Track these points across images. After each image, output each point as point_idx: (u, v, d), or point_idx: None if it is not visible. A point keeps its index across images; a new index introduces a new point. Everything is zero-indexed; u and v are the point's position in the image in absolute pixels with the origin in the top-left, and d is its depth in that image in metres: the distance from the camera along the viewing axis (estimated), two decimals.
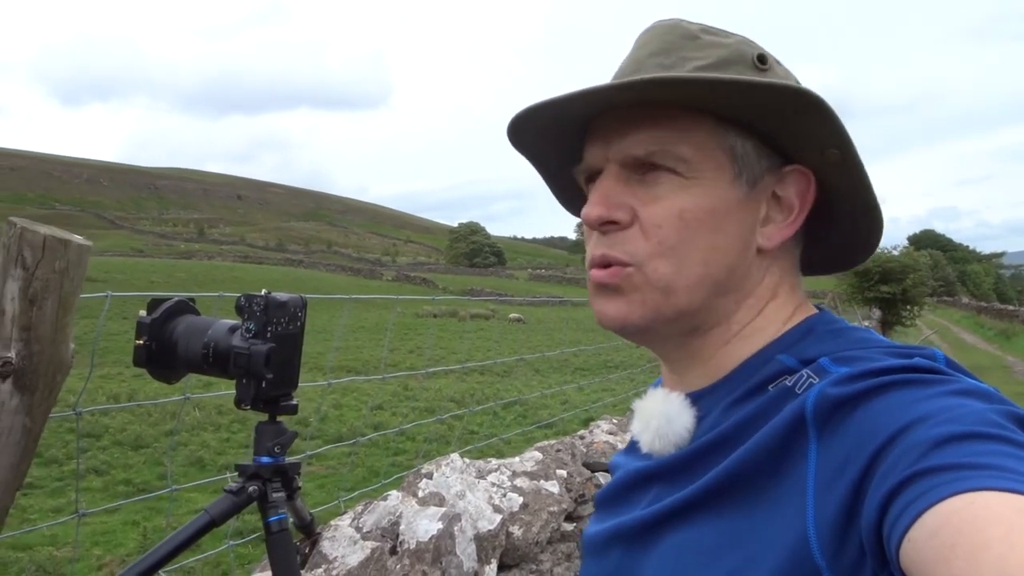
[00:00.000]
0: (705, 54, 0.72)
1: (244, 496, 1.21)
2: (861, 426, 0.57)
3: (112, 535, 5.93)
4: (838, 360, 0.66)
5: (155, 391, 11.15)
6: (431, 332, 21.91)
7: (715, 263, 0.71)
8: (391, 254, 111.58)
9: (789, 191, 0.73)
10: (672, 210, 0.70)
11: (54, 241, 1.01)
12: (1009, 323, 30.82)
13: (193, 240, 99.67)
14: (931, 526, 0.46)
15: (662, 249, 0.70)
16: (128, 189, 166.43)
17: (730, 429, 0.68)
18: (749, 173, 0.71)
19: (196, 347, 1.22)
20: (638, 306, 0.72)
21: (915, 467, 0.50)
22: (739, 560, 0.61)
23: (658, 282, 0.71)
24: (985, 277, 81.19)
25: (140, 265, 43.85)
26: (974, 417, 0.53)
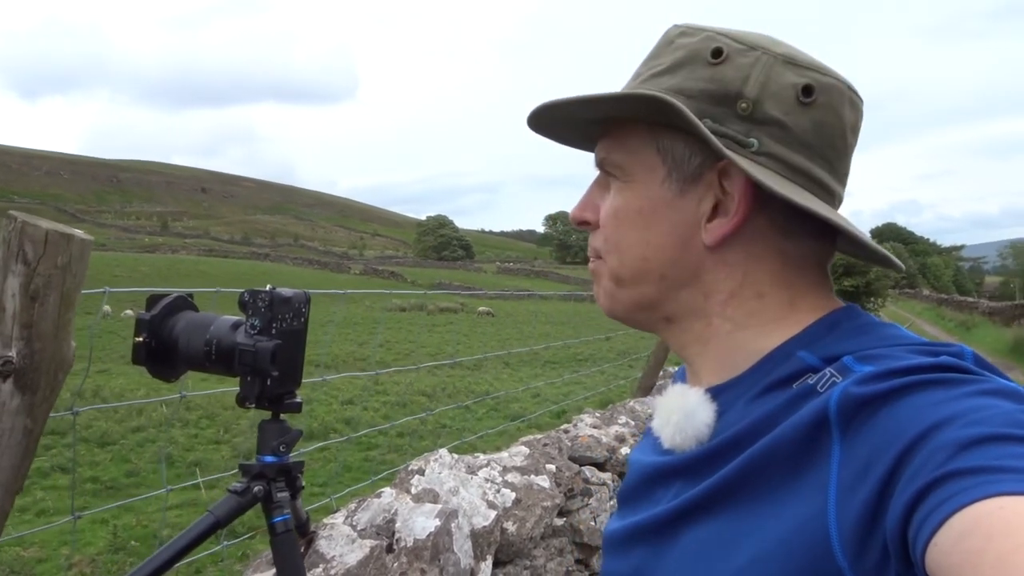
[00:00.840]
0: (665, 59, 0.74)
1: (249, 496, 1.18)
2: (886, 427, 0.56)
3: (80, 534, 5.81)
4: (862, 359, 0.65)
5: (122, 386, 10.98)
6: (407, 325, 21.82)
7: (652, 258, 0.75)
8: (358, 248, 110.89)
9: (735, 187, 0.72)
10: (610, 211, 0.78)
11: (56, 236, 0.98)
12: (969, 314, 31.53)
13: (157, 234, 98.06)
14: (959, 530, 0.46)
15: (608, 246, 0.78)
16: (89, 182, 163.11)
17: (751, 426, 0.67)
18: (679, 172, 0.73)
19: (198, 344, 1.19)
20: (603, 293, 0.81)
21: (942, 469, 0.50)
22: (757, 555, 0.60)
23: (610, 274, 0.79)
24: (945, 269, 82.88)
25: (103, 259, 43.00)
26: (1003, 418, 0.52)
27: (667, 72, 0.73)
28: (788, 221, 0.72)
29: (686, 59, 0.73)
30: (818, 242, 0.74)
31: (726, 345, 0.75)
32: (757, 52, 0.72)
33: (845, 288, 26.10)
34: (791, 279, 0.74)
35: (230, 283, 30.73)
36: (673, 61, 0.73)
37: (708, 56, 0.72)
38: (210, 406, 9.81)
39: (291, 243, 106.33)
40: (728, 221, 0.72)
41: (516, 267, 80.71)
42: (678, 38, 0.75)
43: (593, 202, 0.80)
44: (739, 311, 0.74)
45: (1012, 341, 19.17)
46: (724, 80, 0.71)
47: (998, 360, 17.40)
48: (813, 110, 0.71)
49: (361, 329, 21.52)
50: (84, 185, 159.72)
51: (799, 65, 0.71)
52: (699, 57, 0.72)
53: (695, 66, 0.72)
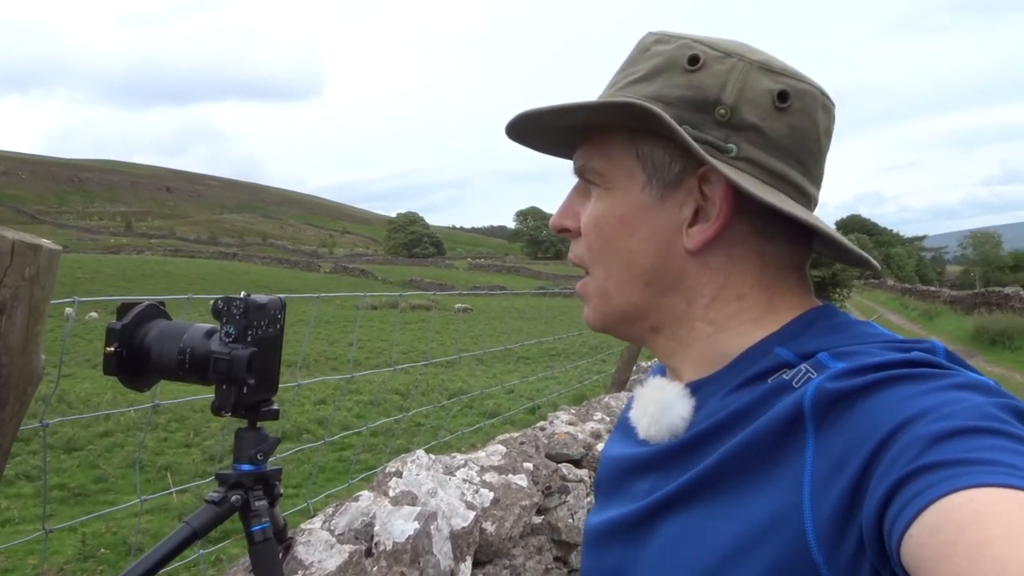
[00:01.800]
0: (642, 66, 0.75)
1: (227, 506, 1.17)
2: (859, 422, 0.58)
3: (49, 543, 5.69)
4: (837, 355, 0.66)
5: (88, 391, 10.79)
6: (379, 323, 21.70)
7: (636, 265, 0.75)
8: (328, 246, 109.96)
9: (715, 192, 0.72)
10: (592, 219, 0.78)
11: (23, 247, 0.95)
12: (931, 303, 32.13)
13: (120, 234, 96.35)
14: (932, 523, 0.47)
15: (592, 255, 0.78)
16: (49, 182, 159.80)
17: (726, 418, 0.68)
18: (659, 178, 0.74)
19: (171, 353, 1.17)
20: (591, 310, 0.81)
21: (915, 463, 0.51)
22: (733, 549, 0.61)
23: (598, 285, 0.79)
24: (908, 260, 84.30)
25: (64, 261, 41.94)
26: (973, 411, 0.53)
27: (644, 79, 0.74)
28: (767, 224, 0.73)
29: (663, 66, 0.74)
30: (795, 244, 0.76)
31: (707, 346, 0.76)
32: (733, 59, 0.73)
33: (812, 279, 26.47)
34: (770, 280, 0.75)
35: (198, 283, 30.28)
36: (650, 68, 0.74)
37: (685, 63, 0.73)
38: (179, 409, 9.68)
39: (259, 242, 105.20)
40: (710, 226, 0.73)
41: (488, 263, 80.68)
42: (654, 45, 0.76)
43: (573, 209, 0.80)
44: (720, 314, 0.75)
45: (973, 329, 19.58)
46: (702, 87, 0.72)
47: (959, 348, 17.75)
48: (789, 115, 0.72)
49: (333, 328, 21.36)
50: (44, 185, 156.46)
51: (774, 71, 0.73)
52: (676, 64, 0.73)
53: (672, 73, 0.73)
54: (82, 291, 21.08)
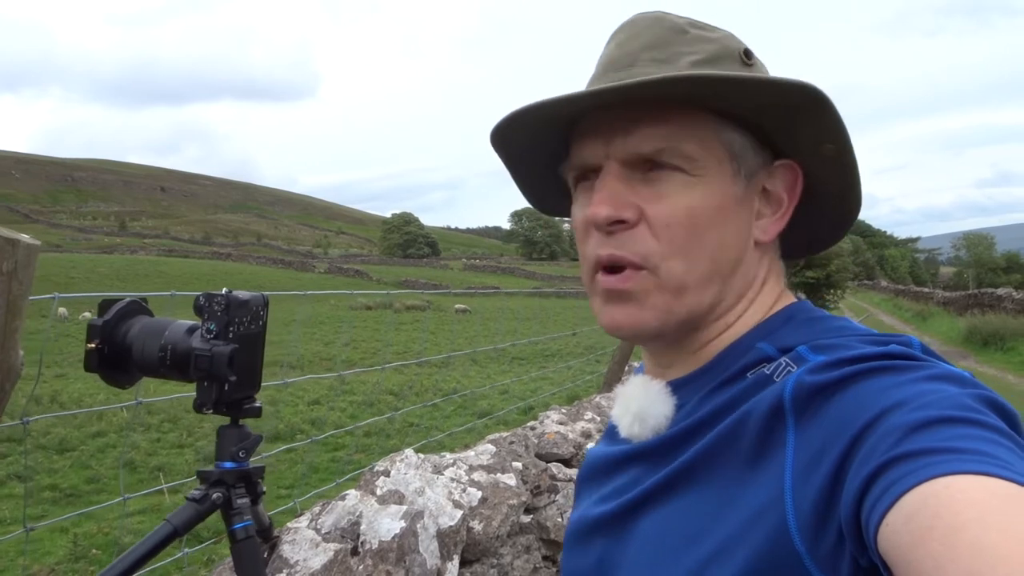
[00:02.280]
0: (696, 49, 0.72)
1: (208, 504, 1.16)
2: (838, 413, 0.58)
3: (39, 543, 5.67)
4: (816, 348, 0.67)
5: (79, 392, 10.75)
6: (373, 324, 21.68)
7: (722, 260, 0.72)
8: (323, 246, 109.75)
9: (777, 185, 0.75)
10: (681, 208, 0.70)
11: (1, 241, 0.95)
12: (925, 304, 32.21)
13: (114, 234, 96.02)
14: (908, 510, 0.47)
15: (673, 249, 0.70)
16: (43, 181, 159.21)
17: (708, 415, 0.69)
18: (746, 168, 0.73)
19: (152, 350, 1.16)
20: (650, 311, 0.72)
21: (892, 452, 0.51)
22: (716, 544, 0.62)
23: (671, 282, 0.71)
24: (901, 261, 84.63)
25: (58, 260, 42.03)
26: (948, 402, 0.54)
27: (707, 63, 0.71)
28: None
29: (721, 54, 0.72)
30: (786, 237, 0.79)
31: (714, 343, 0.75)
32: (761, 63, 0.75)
33: (807, 280, 26.55)
34: (778, 273, 0.78)
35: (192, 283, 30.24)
36: (709, 53, 0.72)
37: (741, 55, 0.73)
38: (172, 409, 9.65)
39: (254, 242, 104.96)
40: (779, 218, 0.75)
41: (482, 264, 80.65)
42: (691, 28, 0.73)
43: (627, 199, 0.71)
44: (746, 308, 0.76)
45: (965, 330, 19.62)
46: None
47: (952, 349, 17.80)
48: None
49: (327, 328, 21.32)
50: (37, 185, 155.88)
51: None
52: (731, 55, 0.73)
53: (731, 64, 0.72)
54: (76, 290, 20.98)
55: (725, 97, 0.69)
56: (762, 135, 0.73)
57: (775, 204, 0.75)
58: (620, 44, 0.75)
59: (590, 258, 0.74)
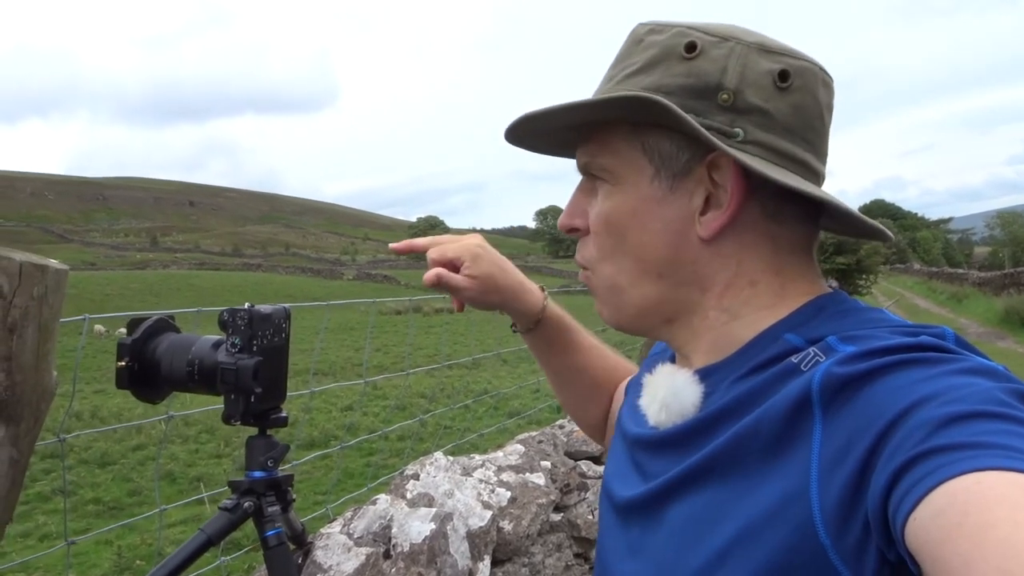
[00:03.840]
0: (638, 58, 0.74)
1: (240, 513, 1.20)
2: (867, 405, 0.58)
3: (86, 556, 5.81)
4: (845, 339, 0.66)
5: (119, 407, 10.96)
6: (403, 328, 21.80)
7: (649, 258, 0.75)
8: (350, 253, 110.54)
9: (725, 178, 0.72)
10: (601, 216, 0.77)
11: (31, 267, 0.98)
12: (960, 286, 31.63)
13: (147, 250, 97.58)
14: (937, 505, 0.47)
15: (601, 253, 0.78)
16: (75, 201, 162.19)
17: (733, 402, 0.68)
18: (668, 169, 0.73)
19: (180, 365, 1.20)
20: (603, 305, 0.81)
21: (921, 447, 0.51)
22: (740, 532, 0.62)
23: (606, 283, 0.79)
24: (934, 243, 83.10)
25: (93, 278, 42.81)
26: (980, 396, 0.53)
27: (642, 71, 0.73)
28: (778, 207, 0.73)
29: (660, 56, 0.73)
30: (804, 225, 0.76)
31: (719, 334, 0.76)
32: (730, 43, 0.73)
33: (838, 266, 26.21)
34: (781, 265, 0.75)
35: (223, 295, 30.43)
36: (646, 60, 0.73)
37: (682, 51, 0.72)
38: (209, 420, 9.80)
39: (283, 252, 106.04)
40: (723, 212, 0.72)
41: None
42: (647, 36, 0.75)
43: (581, 208, 0.80)
44: (734, 301, 0.75)
45: (1003, 310, 19.23)
46: (702, 73, 0.71)
47: (990, 330, 17.46)
48: (791, 94, 0.72)
49: (357, 334, 21.49)
50: (70, 205, 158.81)
51: (772, 51, 0.73)
52: (673, 53, 0.73)
53: (670, 62, 0.72)
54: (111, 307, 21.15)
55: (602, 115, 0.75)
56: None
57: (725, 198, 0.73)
58: None
59: None
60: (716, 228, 0.73)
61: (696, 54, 0.72)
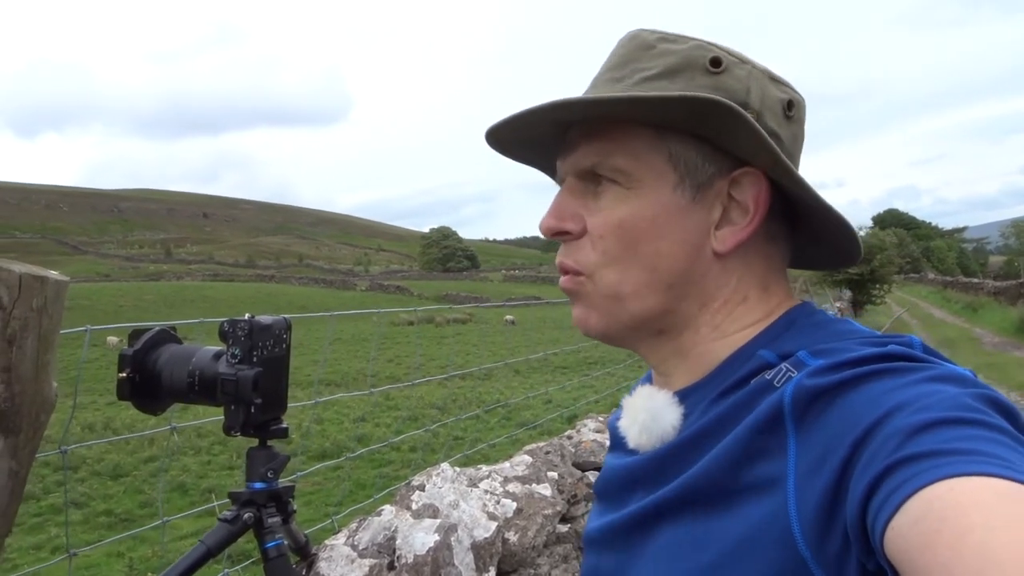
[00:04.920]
0: (654, 64, 0.73)
1: (240, 524, 1.20)
2: (840, 417, 0.58)
3: (97, 568, 5.83)
4: (816, 352, 0.66)
5: (131, 419, 11.02)
6: (415, 339, 21.84)
7: (662, 269, 0.73)
8: (363, 264, 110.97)
9: (745, 194, 0.72)
10: (613, 220, 0.73)
11: (30, 279, 0.99)
12: (975, 296, 31.37)
13: (161, 261, 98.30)
14: (914, 513, 0.47)
15: (607, 259, 0.74)
16: (90, 213, 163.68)
17: (711, 423, 0.68)
18: (692, 179, 0.72)
19: (181, 376, 1.20)
20: (594, 312, 0.76)
21: (895, 455, 0.51)
22: (723, 551, 0.62)
23: (606, 290, 0.74)
24: (948, 252, 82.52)
25: (107, 290, 43.14)
26: (950, 403, 0.54)
27: (662, 77, 0.72)
28: (777, 226, 0.75)
29: (681, 65, 0.72)
30: (788, 243, 0.78)
31: (703, 351, 0.75)
32: (748, 65, 0.74)
33: (851, 277, 26.02)
34: (769, 282, 0.76)
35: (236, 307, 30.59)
36: (665, 67, 0.72)
37: (707, 64, 0.72)
38: (222, 432, 9.82)
39: (296, 263, 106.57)
40: (743, 228, 0.73)
41: (522, 274, 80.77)
42: (659, 43, 0.74)
43: (572, 211, 0.75)
44: (726, 317, 0.75)
45: (1018, 320, 19.03)
46: (729, 90, 0.71)
47: (1006, 339, 17.29)
48: (793, 124, 0.75)
49: (370, 346, 21.53)
50: (84, 216, 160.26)
51: (778, 81, 0.75)
52: (696, 64, 0.72)
53: (694, 73, 0.72)
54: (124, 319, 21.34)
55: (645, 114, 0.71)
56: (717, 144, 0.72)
57: (744, 213, 0.73)
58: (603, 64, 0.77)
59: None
60: (733, 244, 0.73)
61: (721, 70, 0.72)
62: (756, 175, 0.72)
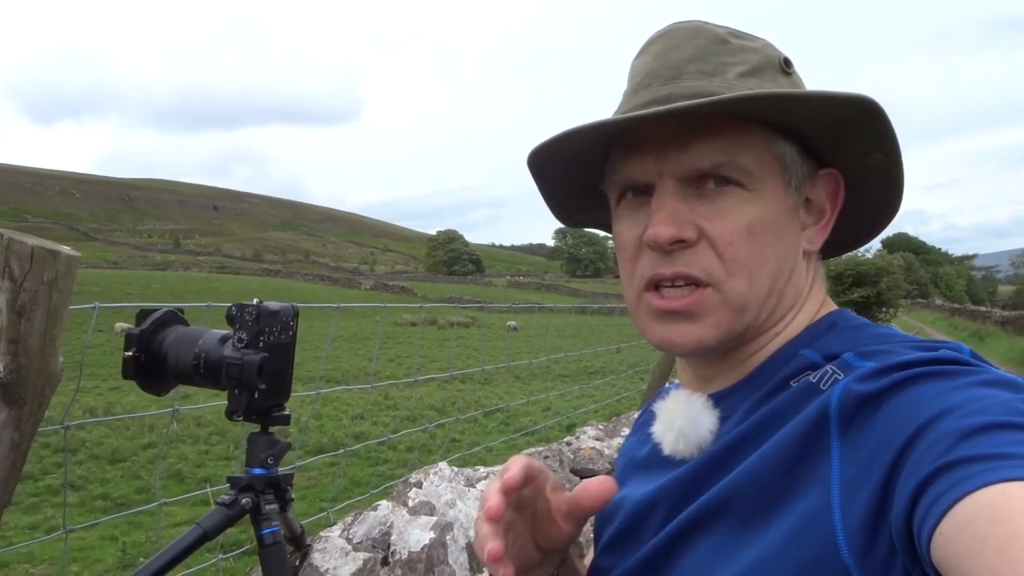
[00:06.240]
0: (739, 59, 0.71)
1: (237, 508, 1.20)
2: (888, 420, 0.57)
3: (91, 551, 5.82)
4: (863, 355, 0.65)
5: (133, 404, 11.03)
6: (418, 340, 21.86)
7: (780, 273, 0.71)
8: (369, 263, 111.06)
9: (820, 194, 0.74)
10: (741, 225, 0.68)
11: (42, 252, 0.99)
12: (982, 324, 31.24)
13: (169, 251, 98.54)
14: (962, 518, 0.46)
15: (736, 266, 0.69)
16: (101, 201, 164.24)
17: (753, 427, 0.67)
18: (796, 179, 0.72)
19: (187, 358, 1.20)
20: (712, 328, 0.70)
21: (944, 459, 0.50)
22: (761, 557, 0.60)
23: (734, 301, 0.69)
24: (957, 279, 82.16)
25: (115, 277, 43.29)
26: (1001, 407, 0.53)
27: (752, 75, 0.71)
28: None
29: (764, 64, 0.72)
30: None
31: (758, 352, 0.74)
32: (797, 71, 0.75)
33: (855, 299, 25.97)
34: (816, 281, 0.77)
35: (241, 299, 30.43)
36: (754, 64, 0.72)
37: (782, 65, 0.73)
38: (221, 422, 9.84)
39: (302, 259, 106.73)
40: (823, 227, 0.74)
41: (526, 281, 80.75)
42: (731, 39, 0.73)
43: (686, 217, 0.69)
44: (794, 317, 0.74)
45: None
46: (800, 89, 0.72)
47: (1012, 369, 17.19)
48: None
49: (372, 344, 21.53)
50: (96, 204, 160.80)
51: None
52: (772, 64, 0.72)
53: (773, 74, 0.72)
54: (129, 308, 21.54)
55: (783, 111, 0.68)
56: (807, 145, 0.72)
57: (817, 213, 0.75)
58: (659, 55, 0.73)
59: (642, 277, 0.72)
60: (820, 243, 0.74)
61: (792, 71, 0.73)
62: (835, 175, 0.74)
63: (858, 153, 0.71)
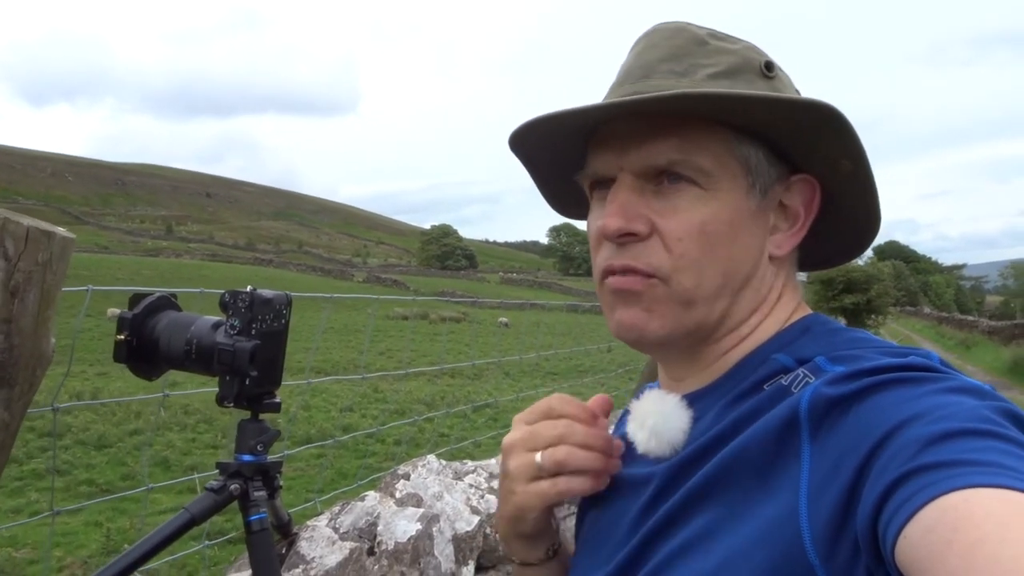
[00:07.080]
0: (714, 61, 0.72)
1: (225, 494, 1.20)
2: (856, 425, 0.58)
3: (74, 536, 5.81)
4: (834, 359, 0.66)
5: (120, 389, 10.99)
6: (409, 334, 21.84)
7: (733, 274, 0.72)
8: (362, 255, 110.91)
9: (795, 200, 0.74)
10: (693, 223, 0.70)
11: (37, 232, 0.99)
12: (969, 333, 31.44)
13: (161, 237, 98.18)
14: (926, 523, 0.47)
15: (685, 263, 0.70)
16: (94, 184, 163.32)
17: (727, 429, 0.67)
18: (761, 183, 0.72)
19: (178, 343, 1.20)
20: (658, 318, 0.72)
21: (910, 464, 0.51)
22: (729, 555, 0.61)
23: (681, 296, 0.71)
24: (946, 288, 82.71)
25: (105, 262, 43.08)
26: (968, 414, 0.53)
27: (725, 76, 0.71)
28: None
29: (741, 66, 0.72)
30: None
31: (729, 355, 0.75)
32: (784, 73, 0.75)
33: (845, 306, 26.12)
34: (791, 285, 0.77)
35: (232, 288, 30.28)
36: (728, 66, 0.72)
37: (762, 68, 0.73)
38: (208, 410, 9.82)
39: (295, 249, 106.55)
40: (795, 232, 0.75)
41: (519, 277, 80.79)
42: (711, 40, 0.73)
43: (638, 211, 0.71)
44: (762, 319, 0.75)
45: (1011, 360, 19.10)
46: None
47: (996, 379, 17.32)
48: None
49: (362, 337, 21.50)
50: (88, 187, 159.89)
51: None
52: (751, 67, 0.73)
53: (751, 77, 0.72)
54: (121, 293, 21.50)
55: (741, 113, 0.68)
56: (779, 149, 0.73)
57: (792, 219, 0.75)
58: (639, 54, 0.75)
59: (601, 268, 0.74)
60: (789, 248, 0.75)
61: (774, 75, 0.73)
62: (810, 181, 0.74)
63: (827, 159, 0.71)
